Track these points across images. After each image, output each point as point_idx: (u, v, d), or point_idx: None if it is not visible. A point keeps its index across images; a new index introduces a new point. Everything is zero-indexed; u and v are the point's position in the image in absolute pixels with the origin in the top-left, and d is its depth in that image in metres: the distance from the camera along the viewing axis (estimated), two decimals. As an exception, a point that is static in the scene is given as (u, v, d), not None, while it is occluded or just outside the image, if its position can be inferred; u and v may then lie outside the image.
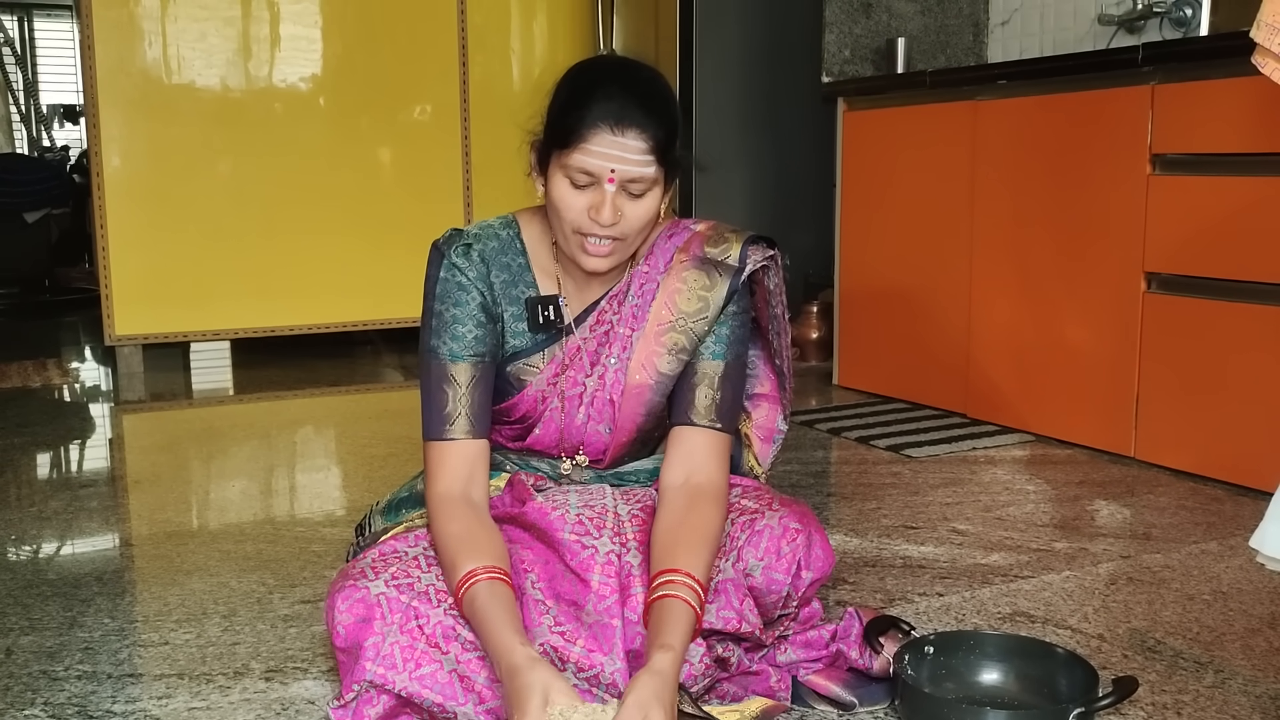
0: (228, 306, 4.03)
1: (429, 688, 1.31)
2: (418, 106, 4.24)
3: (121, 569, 2.04)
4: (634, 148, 1.37)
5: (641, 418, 1.54)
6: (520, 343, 1.52)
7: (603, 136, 1.36)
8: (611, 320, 1.53)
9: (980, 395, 3.05)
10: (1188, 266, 2.48)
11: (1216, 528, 2.18)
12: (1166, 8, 3.08)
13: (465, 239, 1.50)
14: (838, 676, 1.49)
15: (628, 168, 1.37)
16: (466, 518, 1.40)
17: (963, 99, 3.03)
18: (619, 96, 1.37)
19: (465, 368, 1.46)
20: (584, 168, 1.37)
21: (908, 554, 2.04)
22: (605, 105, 1.36)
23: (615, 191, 1.38)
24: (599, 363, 1.53)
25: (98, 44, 3.78)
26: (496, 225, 1.54)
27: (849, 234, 3.52)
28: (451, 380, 1.45)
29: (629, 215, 1.40)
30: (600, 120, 1.36)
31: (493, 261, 1.50)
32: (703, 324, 1.50)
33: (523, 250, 1.53)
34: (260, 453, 2.94)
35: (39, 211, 6.18)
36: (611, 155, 1.36)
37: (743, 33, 4.01)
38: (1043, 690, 1.44)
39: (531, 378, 1.53)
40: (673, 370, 1.51)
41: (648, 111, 1.38)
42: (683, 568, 1.34)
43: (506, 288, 1.51)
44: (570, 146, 1.37)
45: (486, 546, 1.36)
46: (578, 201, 1.39)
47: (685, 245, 1.54)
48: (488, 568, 1.32)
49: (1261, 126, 2.29)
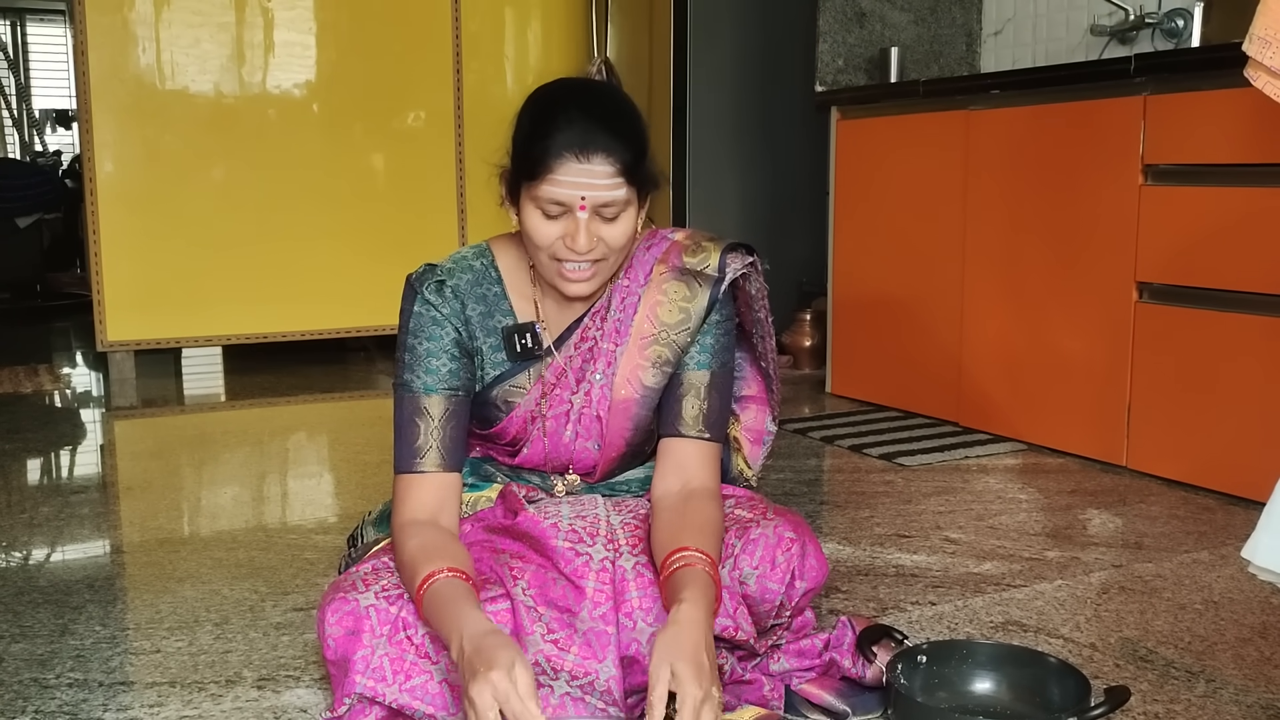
0: (220, 312, 4.02)
1: (419, 699, 1.31)
2: (412, 113, 4.24)
3: (113, 576, 2.03)
4: (601, 173, 1.35)
5: (629, 432, 1.53)
6: (499, 371, 1.51)
7: (569, 165, 1.34)
8: (595, 337, 1.52)
9: (973, 404, 3.06)
10: (1179, 276, 2.49)
11: (1208, 537, 2.18)
12: (1158, 19, 3.10)
13: (438, 274, 1.48)
14: (831, 685, 1.49)
15: (598, 194, 1.35)
16: (428, 534, 1.38)
17: (955, 108, 3.04)
18: (580, 121, 1.35)
19: (438, 400, 1.44)
20: (554, 198, 1.36)
21: (900, 563, 2.04)
22: (568, 133, 1.34)
23: (588, 218, 1.37)
24: (584, 380, 1.52)
25: (91, 49, 3.77)
26: (470, 256, 1.52)
27: (842, 243, 3.52)
28: (424, 413, 1.44)
29: (606, 238, 1.39)
30: (564, 149, 1.34)
31: (467, 295, 1.49)
32: (685, 335, 1.50)
33: (498, 279, 1.51)
34: (252, 459, 2.93)
35: (31, 216, 6.16)
36: (580, 184, 1.35)
37: (736, 41, 4.02)
38: (1035, 699, 1.44)
39: (519, 399, 1.52)
40: (657, 383, 1.51)
41: (612, 134, 1.36)
42: (691, 545, 1.34)
43: (483, 319, 1.49)
44: (538, 178, 1.36)
45: (450, 554, 1.34)
46: (551, 231, 1.38)
47: (664, 256, 1.53)
48: (449, 568, 1.29)
49: (1253, 137, 2.30)
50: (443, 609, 1.25)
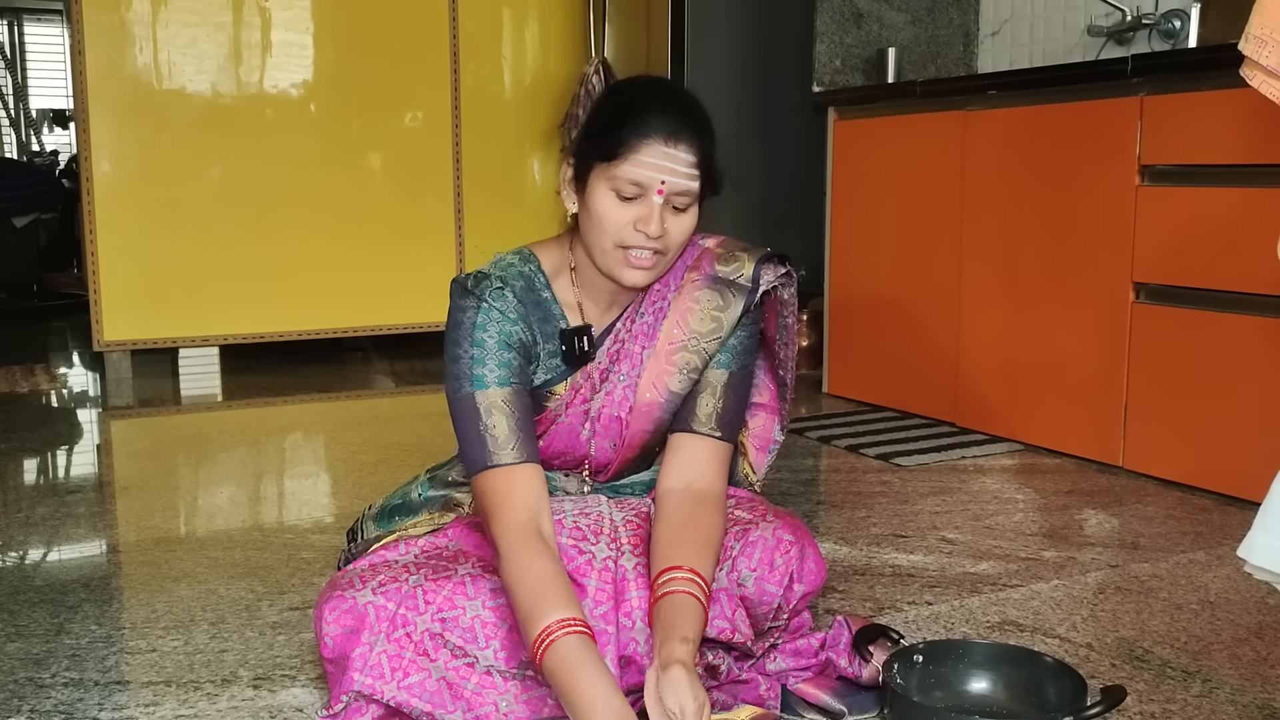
0: (217, 312, 4.02)
1: (417, 696, 1.31)
2: (409, 113, 4.24)
3: (109, 575, 2.03)
4: (684, 160, 1.37)
5: (648, 434, 1.53)
6: (551, 375, 1.51)
7: (655, 148, 1.36)
8: (624, 338, 1.52)
9: (969, 404, 3.06)
10: (1176, 277, 2.50)
11: (1204, 537, 2.19)
12: (1155, 20, 3.10)
13: (494, 281, 1.46)
14: (827, 685, 1.49)
15: (678, 180, 1.37)
16: (545, 562, 1.30)
17: (953, 109, 3.04)
18: (673, 111, 1.38)
19: (514, 394, 1.41)
20: (634, 179, 1.36)
21: (897, 562, 2.04)
22: (660, 119, 1.37)
23: (662, 204, 1.38)
24: (608, 379, 1.52)
25: (88, 49, 3.77)
26: (516, 262, 1.50)
27: (839, 243, 3.53)
28: (502, 407, 1.39)
29: (672, 229, 1.40)
30: (654, 132, 1.36)
31: (527, 301, 1.47)
32: (715, 343, 1.50)
33: (547, 284, 1.50)
34: (249, 459, 2.93)
35: (28, 216, 6.15)
36: (663, 167, 1.36)
37: (734, 42, 4.02)
38: (1031, 699, 1.45)
39: (551, 404, 1.52)
40: (683, 389, 1.50)
41: (698, 127, 1.39)
42: (687, 565, 1.34)
43: (541, 324, 1.49)
44: (619, 158, 1.37)
45: (567, 594, 1.27)
46: (623, 215, 1.38)
47: (696, 263, 1.53)
48: (568, 621, 1.23)
49: (1249, 138, 2.30)
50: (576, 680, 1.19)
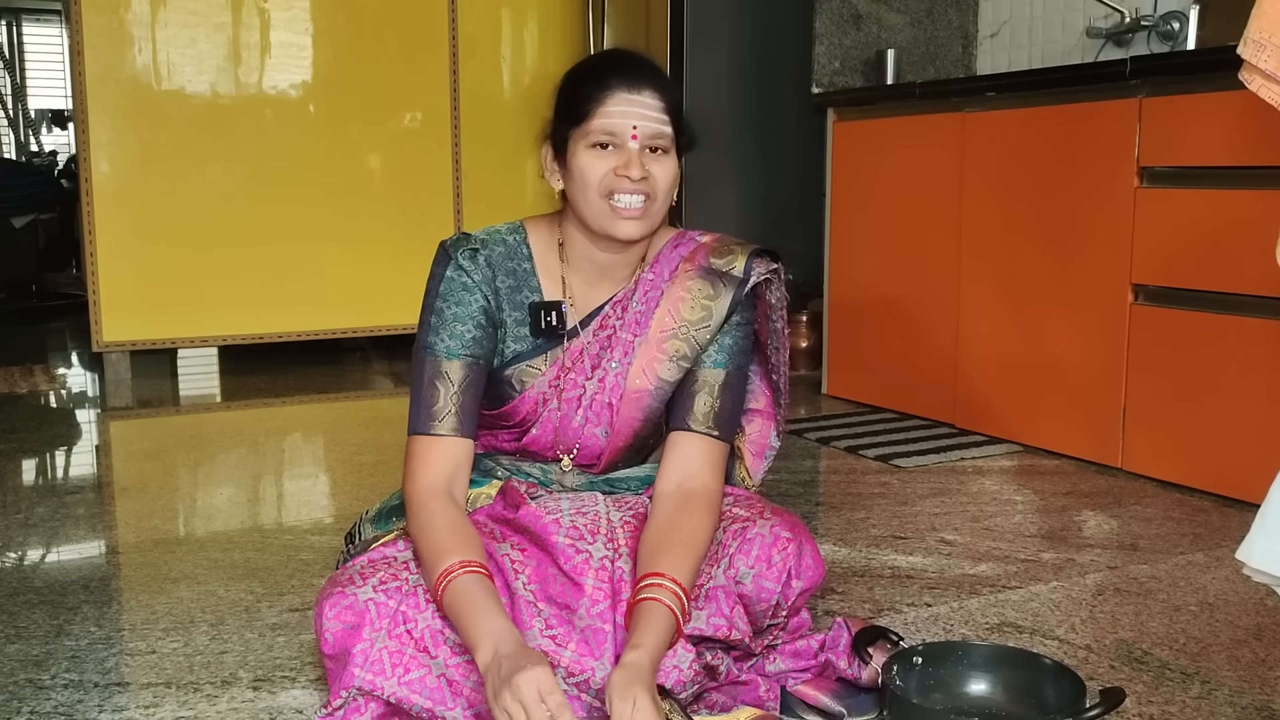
0: (216, 313, 4.01)
1: (417, 692, 1.31)
2: (408, 114, 4.24)
3: (108, 577, 2.03)
4: (652, 104, 1.44)
5: (639, 423, 1.55)
6: (522, 346, 1.53)
7: (620, 95, 1.43)
8: (615, 325, 1.54)
9: (968, 405, 3.06)
10: (1175, 279, 2.50)
11: (1203, 539, 2.19)
12: (1154, 21, 3.11)
13: (473, 243, 1.52)
14: (826, 686, 1.50)
15: (648, 124, 1.43)
16: (451, 513, 1.39)
17: (952, 110, 3.04)
18: (629, 65, 1.46)
19: (459, 366, 1.46)
20: (607, 129, 1.42)
21: (896, 564, 2.05)
22: (618, 74, 1.44)
23: (639, 149, 1.43)
24: (600, 366, 1.54)
25: (87, 49, 3.77)
26: (504, 231, 1.56)
27: (838, 244, 3.53)
28: (445, 377, 1.46)
29: (655, 173, 1.44)
30: (616, 82, 1.43)
31: (499, 267, 1.52)
32: (705, 332, 1.52)
33: (529, 255, 1.54)
34: (248, 460, 2.93)
35: (26, 217, 6.15)
36: (632, 112, 1.42)
37: (733, 43, 4.02)
38: (1030, 701, 1.45)
39: (532, 380, 1.53)
40: (673, 377, 1.52)
41: (658, 76, 1.48)
42: (667, 572, 1.34)
43: (511, 293, 1.52)
44: (589, 116, 1.43)
45: (472, 542, 1.35)
46: (603, 165, 1.43)
47: (691, 255, 1.56)
48: (473, 563, 1.31)
49: (1248, 140, 2.30)
50: (470, 611, 1.27)
